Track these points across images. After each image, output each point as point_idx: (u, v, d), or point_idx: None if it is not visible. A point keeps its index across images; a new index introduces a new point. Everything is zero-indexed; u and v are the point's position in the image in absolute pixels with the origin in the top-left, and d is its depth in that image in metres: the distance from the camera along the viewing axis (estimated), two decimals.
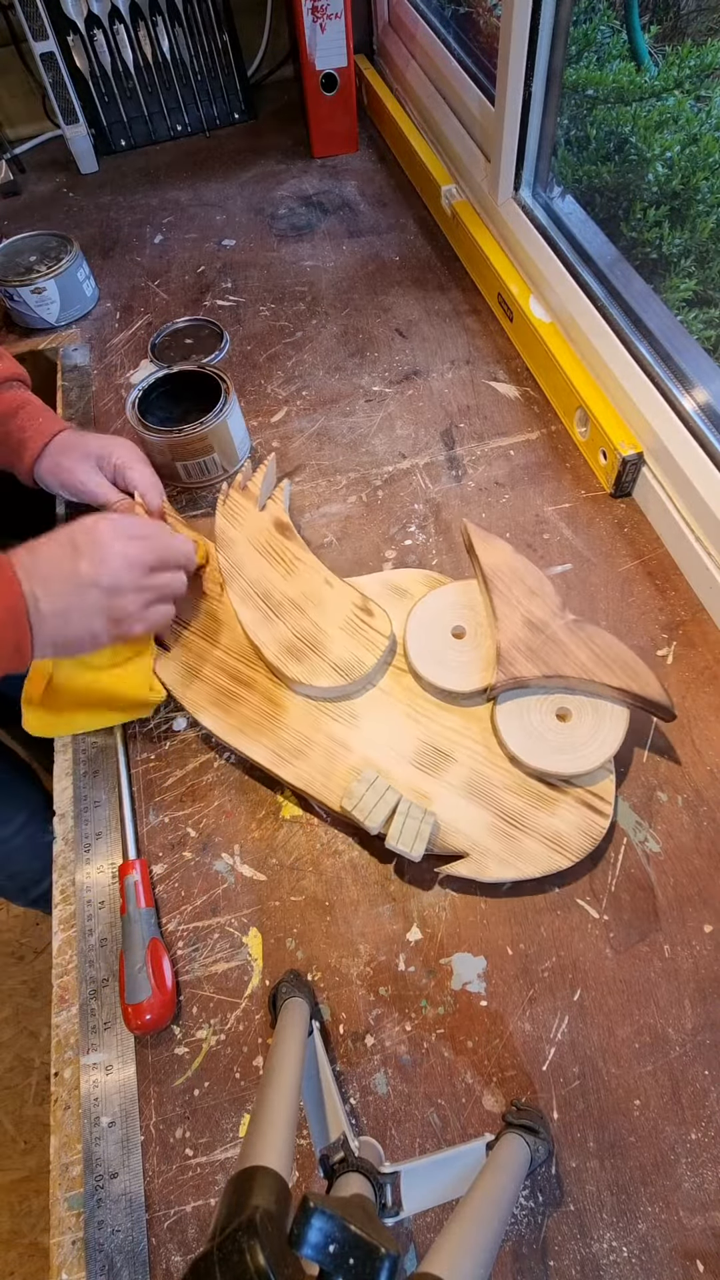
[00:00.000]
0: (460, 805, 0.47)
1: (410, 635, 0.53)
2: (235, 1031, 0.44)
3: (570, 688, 0.49)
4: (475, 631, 0.52)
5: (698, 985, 0.43)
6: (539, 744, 0.48)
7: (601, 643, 0.49)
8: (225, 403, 0.64)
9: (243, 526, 0.59)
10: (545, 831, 0.46)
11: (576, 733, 0.48)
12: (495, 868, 0.45)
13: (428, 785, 0.48)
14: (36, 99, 1.08)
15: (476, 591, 0.54)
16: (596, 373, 0.66)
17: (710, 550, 0.56)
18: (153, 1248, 0.39)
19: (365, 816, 0.45)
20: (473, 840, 0.46)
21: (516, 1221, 0.38)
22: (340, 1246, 0.22)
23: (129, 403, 0.65)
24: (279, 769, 0.49)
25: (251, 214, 0.96)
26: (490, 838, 0.46)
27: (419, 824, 0.45)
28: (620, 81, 0.98)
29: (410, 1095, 0.42)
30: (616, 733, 0.48)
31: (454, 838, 0.46)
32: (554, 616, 0.50)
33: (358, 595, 0.55)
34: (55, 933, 0.48)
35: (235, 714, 0.52)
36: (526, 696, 0.50)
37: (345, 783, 0.48)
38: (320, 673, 0.51)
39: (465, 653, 0.52)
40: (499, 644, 0.49)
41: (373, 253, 0.88)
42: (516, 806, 0.47)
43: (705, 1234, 0.38)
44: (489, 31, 0.93)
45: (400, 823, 0.45)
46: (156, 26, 0.98)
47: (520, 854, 0.46)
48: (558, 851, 0.46)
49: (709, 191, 0.96)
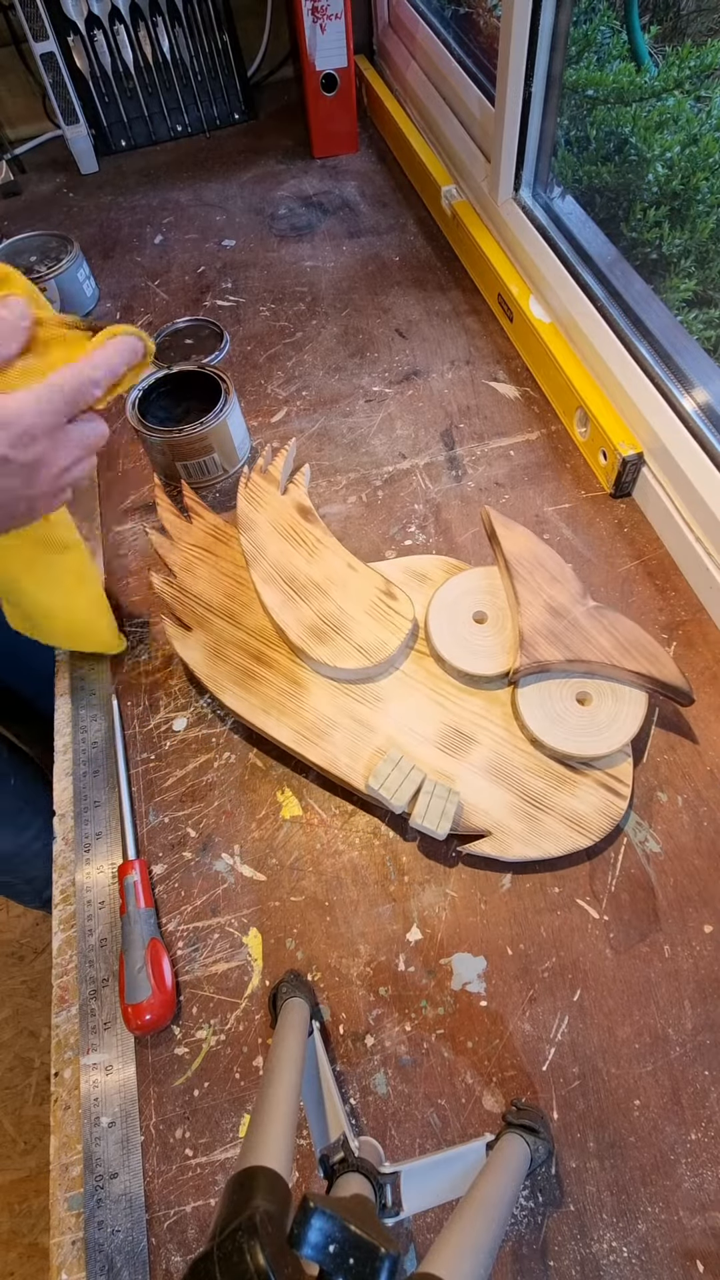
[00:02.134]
0: (483, 786, 0.48)
1: (432, 619, 0.54)
2: (235, 1032, 0.44)
3: (591, 672, 0.50)
4: (496, 616, 0.53)
5: (698, 985, 0.43)
6: (560, 727, 0.49)
7: (622, 628, 0.51)
8: (225, 403, 0.64)
9: (265, 509, 0.59)
10: (566, 812, 0.47)
11: (596, 716, 0.49)
12: (518, 847, 0.46)
13: (451, 766, 0.49)
14: (37, 99, 1.08)
15: (497, 577, 0.55)
16: (596, 373, 0.66)
17: (710, 550, 0.56)
18: (153, 1248, 0.39)
19: (391, 795, 0.46)
20: (495, 820, 0.47)
21: (516, 1222, 0.38)
22: (340, 1246, 0.22)
23: (129, 402, 0.65)
24: (303, 748, 0.50)
25: (252, 214, 0.96)
26: (513, 818, 0.47)
27: (444, 803, 0.46)
28: (620, 82, 0.98)
29: (410, 1095, 0.42)
30: (635, 716, 0.49)
31: (477, 817, 0.47)
32: (575, 602, 0.52)
33: (380, 579, 0.55)
34: (55, 933, 0.48)
35: (258, 694, 0.52)
36: (547, 680, 0.51)
37: (370, 763, 0.49)
38: (345, 654, 0.52)
39: (487, 637, 0.53)
40: (521, 628, 0.50)
41: (373, 253, 0.88)
42: (538, 788, 0.48)
43: (705, 1234, 0.38)
44: (489, 32, 0.93)
45: (425, 801, 0.46)
46: (157, 27, 0.98)
47: (542, 833, 0.47)
48: (578, 831, 0.47)
49: (709, 192, 0.96)
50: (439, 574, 0.58)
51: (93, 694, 0.57)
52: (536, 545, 0.54)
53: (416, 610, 0.55)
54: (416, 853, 0.49)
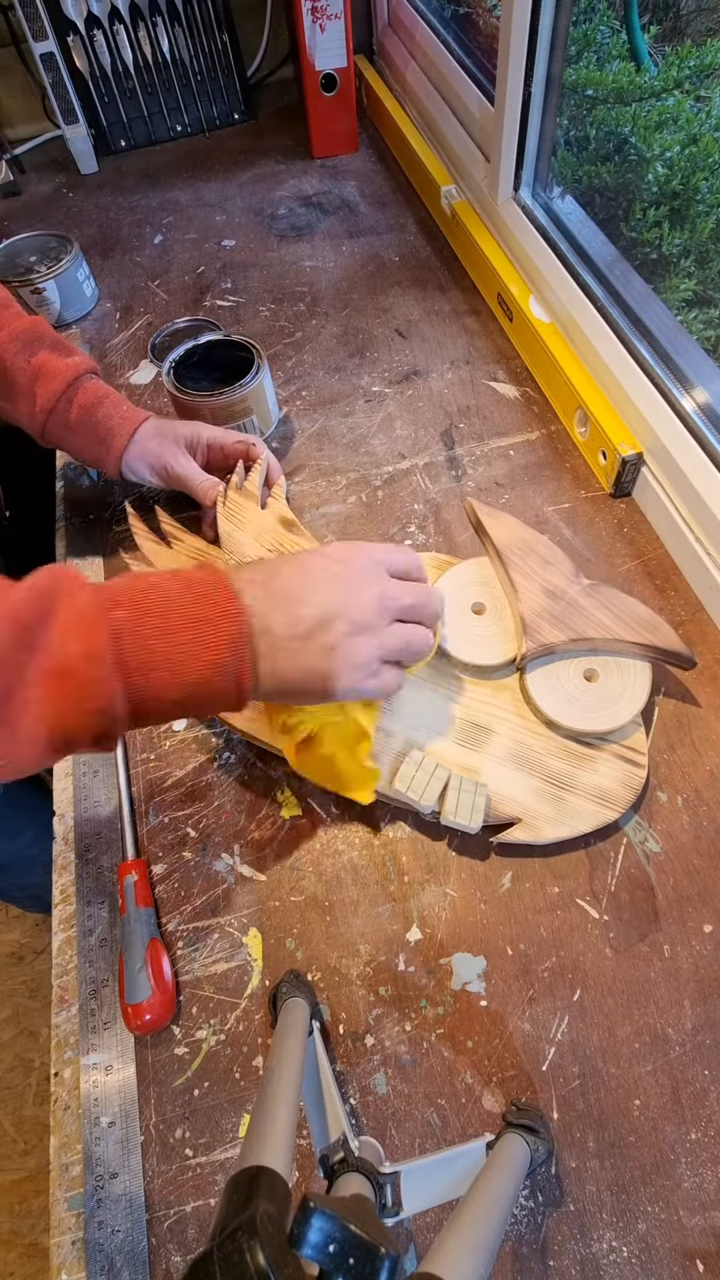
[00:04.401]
0: (506, 774, 0.49)
1: None
2: (235, 1032, 0.44)
3: (594, 649, 0.51)
4: (495, 606, 0.54)
5: (698, 985, 0.43)
6: (573, 706, 0.49)
7: (619, 603, 0.51)
8: (260, 366, 0.66)
9: (247, 526, 0.59)
10: (590, 788, 0.48)
11: (606, 691, 0.50)
12: (549, 829, 0.47)
13: (472, 759, 0.50)
14: (36, 99, 1.08)
15: (489, 567, 0.56)
16: (596, 373, 0.66)
17: (710, 550, 0.56)
18: (153, 1248, 0.39)
19: (419, 796, 0.46)
20: (523, 806, 0.48)
21: (516, 1221, 0.38)
22: (340, 1246, 0.22)
23: (164, 373, 0.66)
24: None
25: (251, 214, 0.96)
26: (540, 802, 0.48)
27: (473, 796, 0.46)
28: (620, 82, 0.98)
29: (410, 1095, 0.42)
30: (643, 686, 0.50)
31: (505, 806, 0.48)
32: (570, 583, 0.52)
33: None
34: (55, 933, 0.48)
35: (267, 714, 0.52)
36: (554, 662, 0.51)
37: (391, 769, 0.49)
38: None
39: (488, 627, 0.53)
40: (522, 614, 0.51)
41: (372, 253, 0.88)
42: (559, 769, 0.49)
43: (705, 1234, 0.38)
44: (488, 32, 0.93)
45: (455, 798, 0.46)
46: (156, 27, 0.98)
47: (570, 813, 0.47)
48: (605, 806, 0.48)
49: (709, 191, 0.96)
50: (430, 571, 0.57)
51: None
52: (524, 531, 0.54)
53: None
54: (416, 853, 0.49)
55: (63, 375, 0.59)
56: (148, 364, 0.79)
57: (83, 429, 0.60)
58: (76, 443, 0.61)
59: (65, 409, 0.59)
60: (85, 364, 0.61)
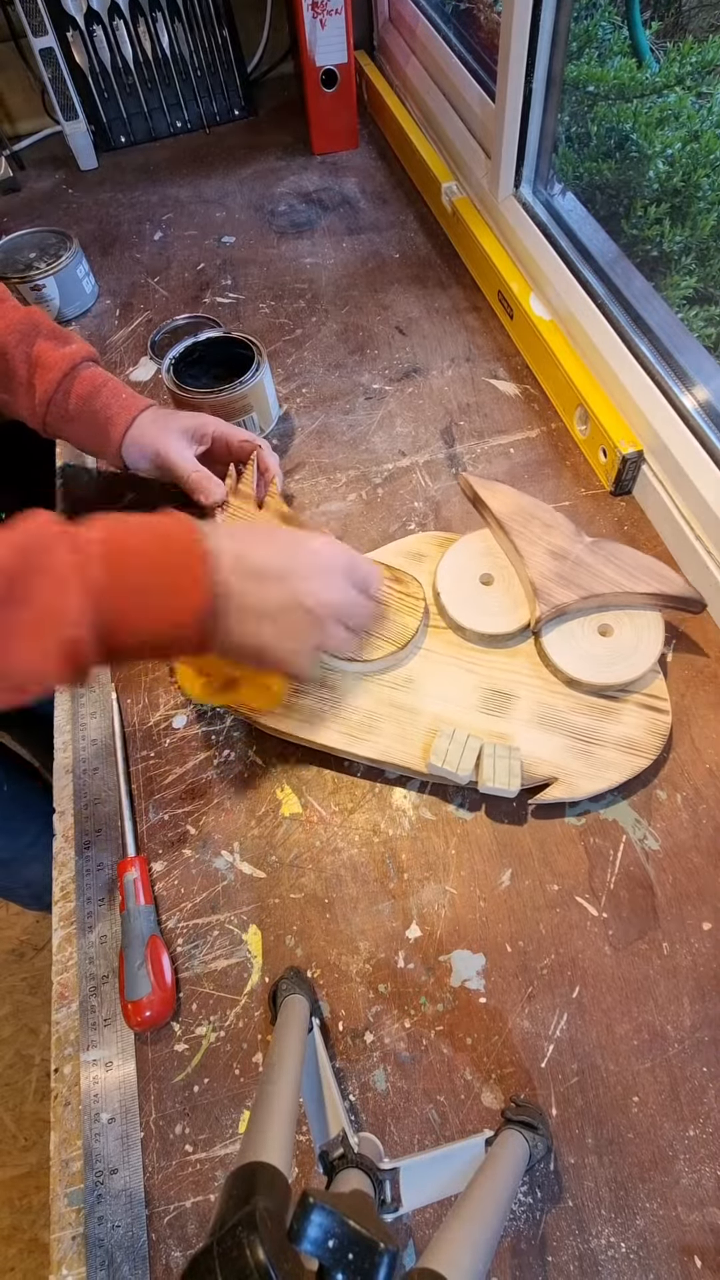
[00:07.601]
0: (535, 736, 0.50)
1: (443, 591, 0.55)
2: (235, 1028, 0.44)
3: (605, 604, 0.52)
4: (502, 575, 0.55)
5: (696, 982, 0.44)
6: (592, 662, 0.51)
7: (624, 556, 0.53)
8: (259, 364, 0.66)
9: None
10: (618, 739, 0.49)
11: (621, 643, 0.51)
12: (585, 784, 0.48)
13: (501, 726, 0.50)
14: (36, 95, 1.08)
15: (490, 539, 0.57)
16: (597, 370, 0.66)
17: (710, 548, 0.56)
18: (153, 1243, 0.39)
19: (456, 768, 0.47)
20: (556, 765, 0.48)
21: (515, 1217, 0.39)
22: (339, 1242, 0.22)
23: (164, 370, 0.66)
24: (354, 747, 0.51)
25: (251, 211, 0.95)
26: (571, 758, 0.49)
27: (508, 761, 0.47)
28: (621, 78, 0.98)
29: (409, 1092, 0.42)
30: (656, 635, 0.51)
31: (539, 767, 0.49)
32: (573, 542, 0.54)
33: (382, 567, 0.56)
34: (55, 930, 0.48)
35: (297, 709, 0.52)
36: (568, 622, 0.53)
37: (423, 744, 0.50)
38: (372, 646, 0.53)
39: (499, 596, 0.54)
40: (531, 579, 0.52)
41: (373, 250, 0.88)
42: (585, 724, 0.50)
43: (703, 1230, 0.38)
44: (489, 28, 0.92)
45: (490, 765, 0.47)
46: (156, 22, 0.97)
47: (603, 765, 0.48)
48: (635, 754, 0.49)
49: (710, 188, 0.95)
50: (434, 549, 0.59)
51: (92, 691, 0.57)
52: (521, 498, 0.56)
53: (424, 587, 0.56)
54: (415, 850, 0.49)
55: (60, 365, 0.58)
56: (147, 361, 0.79)
57: (82, 418, 0.59)
58: (77, 432, 0.60)
59: (64, 399, 0.59)
60: (83, 351, 0.60)
